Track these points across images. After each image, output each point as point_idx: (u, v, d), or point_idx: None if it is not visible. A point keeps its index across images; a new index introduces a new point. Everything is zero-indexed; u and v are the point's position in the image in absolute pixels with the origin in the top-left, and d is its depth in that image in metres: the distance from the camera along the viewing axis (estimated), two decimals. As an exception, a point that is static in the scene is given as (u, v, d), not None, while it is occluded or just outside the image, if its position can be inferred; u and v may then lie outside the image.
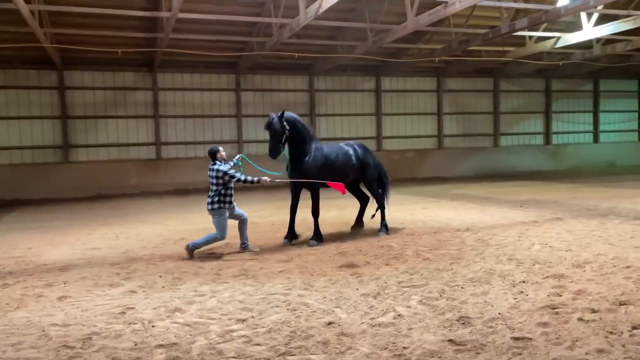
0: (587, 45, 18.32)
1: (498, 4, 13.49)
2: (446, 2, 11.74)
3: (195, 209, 12.48)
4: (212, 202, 7.32)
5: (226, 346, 3.94)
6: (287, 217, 8.31)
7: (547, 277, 5.59)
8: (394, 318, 4.43)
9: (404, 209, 11.73)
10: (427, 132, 22.28)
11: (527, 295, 4.97)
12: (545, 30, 16.88)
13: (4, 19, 13.50)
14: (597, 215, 9.78)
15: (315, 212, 8.12)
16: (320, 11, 11.44)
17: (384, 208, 8.86)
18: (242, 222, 7.66)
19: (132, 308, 4.92)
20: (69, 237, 9.35)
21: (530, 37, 17.50)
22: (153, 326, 4.41)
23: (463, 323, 4.26)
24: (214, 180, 7.29)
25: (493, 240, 7.72)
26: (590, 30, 15.29)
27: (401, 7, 13.78)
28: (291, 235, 8.12)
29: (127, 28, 15.29)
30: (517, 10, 14.84)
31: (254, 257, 7.10)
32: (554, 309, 4.54)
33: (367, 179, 8.77)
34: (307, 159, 7.97)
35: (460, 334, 4.04)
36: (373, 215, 8.92)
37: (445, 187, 17.00)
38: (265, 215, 11.31)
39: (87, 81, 17.52)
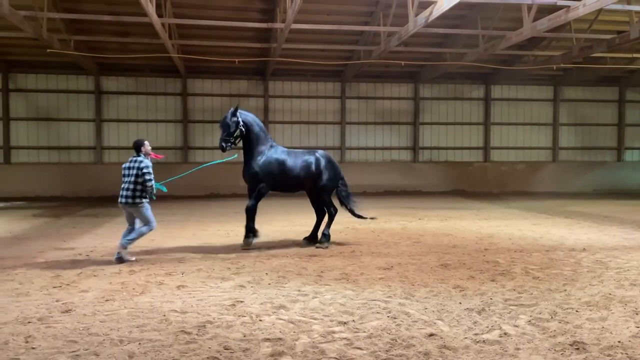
0: None
1: (628, 7, 12.37)
2: (568, 7, 11.02)
3: (299, 211, 12.90)
4: (132, 197, 7.08)
5: (328, 346, 4.06)
6: (385, 225, 8.35)
7: (679, 308, 5.04)
8: (500, 336, 4.27)
9: (512, 224, 11.16)
10: (540, 143, 21.02)
11: (653, 325, 4.53)
12: (684, 34, 15.16)
13: (138, 31, 15.09)
14: None
15: (248, 210, 8.22)
16: (431, 19, 11.31)
17: (332, 218, 8.86)
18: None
19: (242, 302, 5.24)
20: (186, 231, 10.15)
21: (666, 42, 15.82)
22: (260, 320, 4.67)
23: (577, 348, 3.99)
24: (134, 172, 7.10)
25: (613, 263, 7.10)
26: None
27: (517, 12, 13.19)
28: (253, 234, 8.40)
29: (244, 39, 16.30)
30: (651, 13, 13.49)
31: (354, 262, 7.20)
32: (685, 343, 4.09)
33: (319, 188, 8.70)
34: (258, 158, 8.24)
35: (573, 359, 3.79)
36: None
37: (559, 203, 15.87)
38: (367, 222, 11.37)
39: (207, 88, 18.97)
